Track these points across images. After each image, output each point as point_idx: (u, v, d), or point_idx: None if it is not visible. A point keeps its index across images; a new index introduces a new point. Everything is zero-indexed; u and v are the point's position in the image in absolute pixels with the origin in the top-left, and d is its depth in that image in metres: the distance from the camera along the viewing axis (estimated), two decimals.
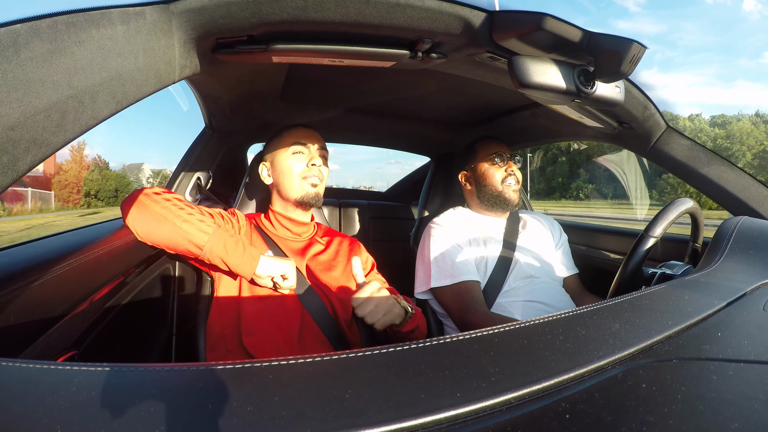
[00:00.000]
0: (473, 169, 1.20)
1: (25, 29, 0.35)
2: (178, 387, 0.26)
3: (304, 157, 0.97)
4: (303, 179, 0.95)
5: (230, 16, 0.55)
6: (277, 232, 0.98)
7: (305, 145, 0.98)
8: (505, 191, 1.15)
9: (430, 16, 0.60)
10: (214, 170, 1.32)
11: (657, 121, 0.96)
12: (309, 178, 0.96)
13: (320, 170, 0.97)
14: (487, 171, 1.16)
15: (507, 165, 1.16)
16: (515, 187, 1.16)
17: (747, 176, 0.95)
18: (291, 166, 0.96)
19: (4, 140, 0.34)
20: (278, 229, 0.99)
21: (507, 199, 1.15)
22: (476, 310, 0.98)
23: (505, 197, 1.15)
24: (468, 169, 1.22)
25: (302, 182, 0.95)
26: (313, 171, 0.96)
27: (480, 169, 1.18)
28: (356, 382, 0.27)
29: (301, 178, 0.96)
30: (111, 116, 0.46)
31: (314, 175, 0.96)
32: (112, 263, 0.74)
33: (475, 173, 1.19)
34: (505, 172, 1.15)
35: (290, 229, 0.99)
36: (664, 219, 0.77)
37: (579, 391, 0.28)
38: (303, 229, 1.01)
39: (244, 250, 0.79)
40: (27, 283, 0.52)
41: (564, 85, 0.64)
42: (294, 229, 0.99)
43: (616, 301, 0.47)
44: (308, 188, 0.96)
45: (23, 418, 0.22)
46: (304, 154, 0.97)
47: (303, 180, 0.95)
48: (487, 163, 1.17)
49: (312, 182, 0.96)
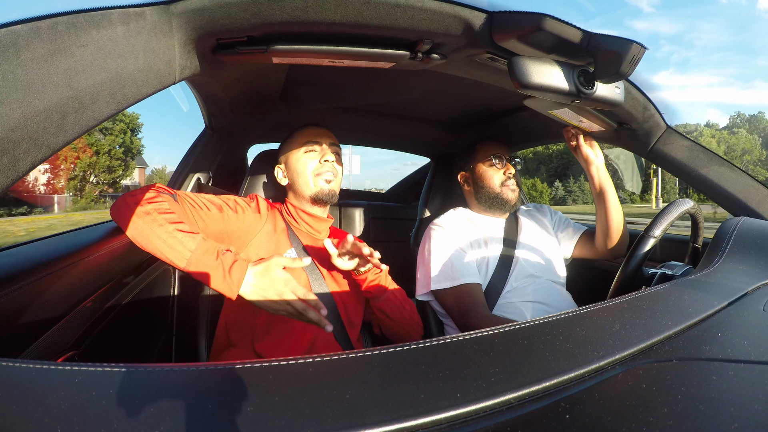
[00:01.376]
0: (472, 170, 1.20)
1: (25, 30, 0.35)
2: (178, 387, 0.26)
3: (317, 154, 0.97)
4: (316, 176, 0.95)
5: (230, 17, 0.56)
6: (300, 226, 0.98)
7: (317, 143, 0.98)
8: (503, 193, 1.15)
9: (429, 17, 0.60)
10: (214, 170, 1.32)
11: (657, 122, 0.96)
12: (322, 174, 0.95)
13: (333, 166, 0.97)
14: (485, 172, 1.17)
15: (505, 167, 1.17)
16: (513, 188, 1.16)
17: (747, 176, 0.95)
18: (304, 164, 0.96)
19: (4, 141, 0.34)
20: (300, 224, 0.98)
21: (505, 201, 1.15)
22: (477, 312, 0.98)
23: (502, 198, 1.15)
24: (467, 169, 1.22)
25: (316, 179, 0.95)
26: (326, 167, 0.96)
27: (478, 171, 1.18)
28: (356, 382, 0.28)
29: (315, 175, 0.95)
30: (111, 117, 0.46)
31: (327, 171, 0.96)
32: (112, 263, 0.74)
33: (474, 174, 1.19)
34: (503, 175, 1.16)
35: (311, 225, 0.98)
36: (664, 219, 0.77)
37: (579, 392, 0.28)
38: (323, 226, 1.00)
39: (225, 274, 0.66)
40: (27, 283, 0.52)
41: (564, 86, 0.64)
42: (314, 225, 0.98)
43: (616, 301, 0.47)
44: (322, 184, 0.95)
45: (23, 418, 0.22)
46: (316, 151, 0.98)
47: (317, 177, 0.95)
48: (486, 164, 1.17)
49: (326, 178, 0.95)
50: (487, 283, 1.07)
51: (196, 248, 0.66)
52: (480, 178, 1.17)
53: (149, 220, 0.67)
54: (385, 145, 1.94)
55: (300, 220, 0.97)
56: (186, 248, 0.66)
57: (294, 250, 0.90)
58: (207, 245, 0.68)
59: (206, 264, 0.66)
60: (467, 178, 1.22)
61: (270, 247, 0.89)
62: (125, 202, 0.69)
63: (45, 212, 22.88)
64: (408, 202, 2.16)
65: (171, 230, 0.67)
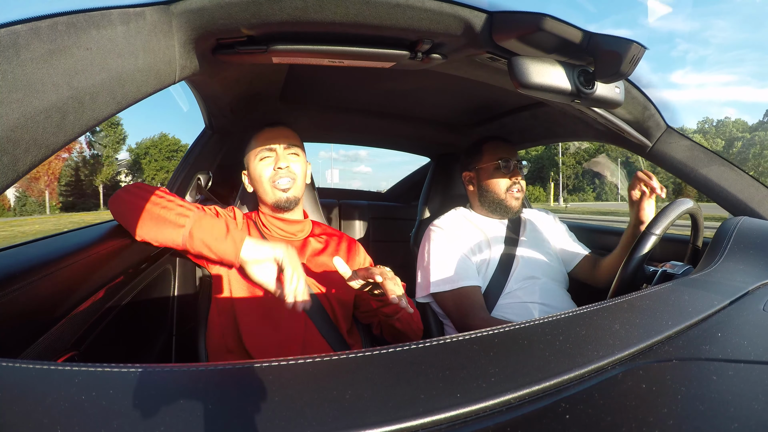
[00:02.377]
0: (478, 171, 1.18)
1: (25, 30, 0.35)
2: (178, 387, 0.26)
3: (271, 161, 0.94)
4: (272, 185, 0.92)
5: (230, 17, 0.56)
6: (272, 233, 0.96)
7: (270, 149, 0.94)
8: (506, 200, 1.13)
9: (430, 17, 0.60)
10: (214, 170, 1.32)
11: (657, 122, 0.96)
12: (277, 183, 0.92)
13: (289, 170, 0.93)
14: (491, 176, 1.14)
15: (513, 173, 1.13)
16: (518, 195, 1.13)
17: (747, 176, 0.95)
18: (261, 172, 0.93)
19: (4, 140, 0.34)
20: (272, 230, 0.97)
21: (508, 207, 1.13)
22: (476, 315, 0.97)
23: (506, 205, 1.13)
24: (473, 169, 1.19)
25: (272, 188, 0.93)
26: (281, 174, 0.92)
27: (484, 173, 1.16)
28: (356, 382, 0.28)
29: (271, 183, 0.93)
30: (111, 116, 0.46)
31: (282, 177, 0.92)
32: (112, 263, 0.74)
33: (479, 176, 1.17)
34: (510, 180, 1.13)
35: (283, 228, 0.97)
36: (665, 218, 0.77)
37: (579, 392, 0.28)
38: (297, 228, 0.98)
39: (227, 232, 0.74)
40: (27, 283, 0.52)
41: (564, 86, 0.64)
42: (287, 229, 0.97)
43: (616, 301, 0.47)
44: (279, 194, 0.93)
45: (23, 418, 0.22)
46: (270, 157, 0.94)
47: (273, 186, 0.92)
48: (493, 167, 1.14)
49: (282, 187, 0.92)
50: (487, 284, 1.06)
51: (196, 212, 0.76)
52: (485, 181, 1.15)
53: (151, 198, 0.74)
54: (385, 145, 1.94)
55: (272, 227, 0.96)
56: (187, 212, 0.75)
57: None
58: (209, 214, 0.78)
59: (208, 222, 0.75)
60: (472, 179, 1.20)
61: None
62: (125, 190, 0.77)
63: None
64: (408, 202, 2.16)
65: (172, 200, 0.76)
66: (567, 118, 1.15)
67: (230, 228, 0.75)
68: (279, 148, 0.94)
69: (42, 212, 32.39)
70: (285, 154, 0.95)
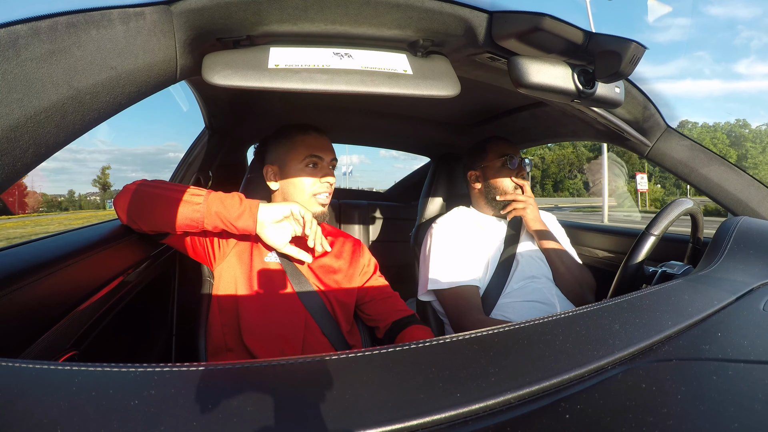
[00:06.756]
0: (483, 169, 1.19)
1: (25, 30, 0.35)
2: (178, 387, 0.26)
3: (317, 171, 0.90)
4: (313, 196, 0.90)
5: (230, 17, 0.55)
6: None
7: (319, 156, 0.90)
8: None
9: (429, 17, 0.60)
10: (214, 170, 1.32)
11: (657, 121, 0.96)
12: (320, 195, 0.90)
13: (331, 186, 0.92)
14: (497, 174, 1.15)
15: (518, 169, 1.15)
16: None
17: (747, 176, 0.95)
18: (303, 180, 0.89)
19: (4, 140, 0.34)
20: None
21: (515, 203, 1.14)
22: (471, 316, 0.97)
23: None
24: (478, 168, 1.21)
25: (312, 199, 0.90)
26: (325, 188, 0.90)
27: (490, 171, 1.17)
28: (356, 382, 0.28)
29: (312, 195, 0.90)
30: (111, 116, 0.46)
31: (325, 192, 0.91)
32: (112, 263, 0.74)
33: (485, 174, 1.18)
34: (516, 177, 1.15)
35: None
36: (665, 218, 0.77)
37: (579, 391, 0.28)
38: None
39: (240, 201, 0.76)
40: (27, 283, 0.52)
41: (563, 86, 0.64)
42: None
43: (616, 301, 0.47)
44: (317, 207, 0.90)
45: (23, 418, 0.22)
46: (318, 167, 0.91)
47: (313, 197, 0.90)
48: (499, 164, 1.16)
49: (321, 201, 0.90)
50: (487, 283, 1.07)
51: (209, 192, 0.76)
52: (491, 179, 1.16)
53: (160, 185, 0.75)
54: (386, 144, 1.93)
55: None
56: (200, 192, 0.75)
57: (274, 253, 0.88)
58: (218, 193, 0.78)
59: (222, 196, 0.75)
60: (478, 177, 1.21)
61: (245, 258, 0.87)
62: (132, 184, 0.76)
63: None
64: (408, 202, 2.16)
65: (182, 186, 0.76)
66: (567, 117, 1.15)
67: (242, 198, 0.78)
68: (326, 159, 0.91)
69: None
70: (330, 167, 0.92)
